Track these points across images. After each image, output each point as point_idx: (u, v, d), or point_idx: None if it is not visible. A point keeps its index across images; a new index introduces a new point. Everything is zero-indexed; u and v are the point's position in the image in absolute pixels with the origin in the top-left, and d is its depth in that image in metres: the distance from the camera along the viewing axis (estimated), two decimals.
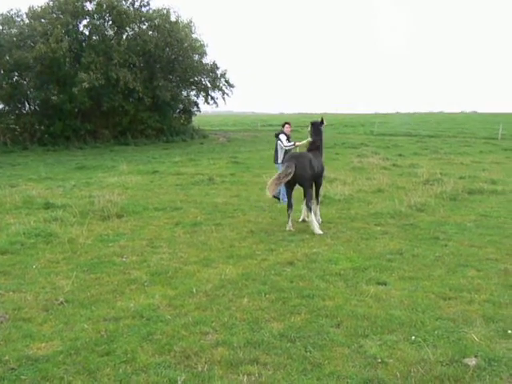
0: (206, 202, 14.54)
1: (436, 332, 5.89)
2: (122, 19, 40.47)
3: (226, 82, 49.20)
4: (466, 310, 6.55)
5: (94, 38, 41.78)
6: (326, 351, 5.46)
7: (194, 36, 46.52)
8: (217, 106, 50.45)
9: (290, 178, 10.93)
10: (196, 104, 51.08)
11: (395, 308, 6.63)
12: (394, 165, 24.18)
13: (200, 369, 5.10)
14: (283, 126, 15.22)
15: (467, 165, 24.64)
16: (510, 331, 5.89)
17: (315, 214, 11.66)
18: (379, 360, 5.24)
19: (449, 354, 5.33)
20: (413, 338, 5.73)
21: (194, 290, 7.31)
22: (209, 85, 49.11)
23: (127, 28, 43.00)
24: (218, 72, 48.46)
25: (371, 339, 5.73)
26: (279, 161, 14.73)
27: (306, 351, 5.46)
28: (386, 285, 7.54)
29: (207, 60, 48.46)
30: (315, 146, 12.20)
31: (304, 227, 11.28)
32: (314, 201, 11.63)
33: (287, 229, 11.27)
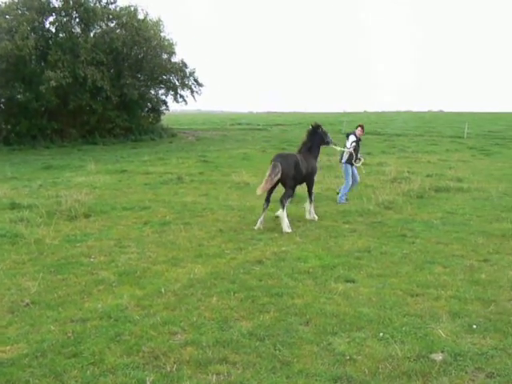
0: (175, 201, 14.46)
1: (404, 328, 5.96)
2: (89, 16, 39.96)
3: (195, 80, 48.88)
4: (432, 306, 6.64)
5: (60, 35, 41.12)
6: (295, 349, 5.49)
7: (162, 35, 46.09)
8: (186, 104, 50.19)
9: (279, 176, 11.15)
10: (165, 103, 50.70)
11: (363, 305, 6.69)
12: (362, 163, 24.24)
13: (169, 369, 5.08)
14: (356, 127, 15.48)
15: (434, 163, 24.92)
16: (475, 326, 6.00)
17: (309, 213, 12.20)
18: (348, 357, 5.28)
19: (416, 349, 5.40)
20: (381, 334, 5.79)
21: (163, 290, 7.27)
22: (177, 83, 48.68)
23: (94, 25, 42.49)
24: (187, 71, 48.11)
25: (340, 336, 5.77)
26: (343, 160, 15.10)
27: (275, 349, 5.48)
28: (354, 282, 7.60)
29: (176, 59, 48.08)
30: (306, 148, 12.52)
31: (274, 226, 11.27)
32: (289, 199, 11.70)
33: (256, 227, 11.23)
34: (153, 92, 49.34)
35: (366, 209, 12.96)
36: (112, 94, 40.35)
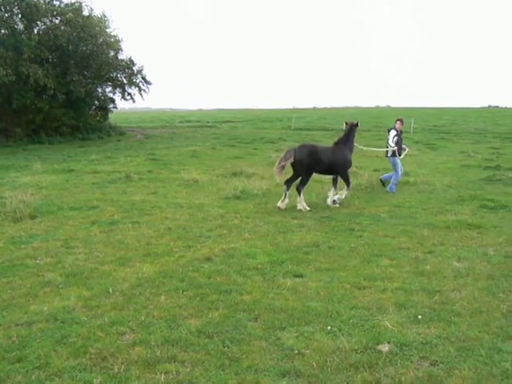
0: (123, 200, 14.29)
1: (351, 321, 6.04)
2: (32, 12, 38.96)
3: (143, 78, 48.44)
4: (379, 299, 6.75)
5: (2, 31, 40.08)
6: (244, 345, 5.50)
7: (108, 31, 45.48)
8: (134, 102, 49.73)
9: (288, 162, 12.63)
10: (112, 100, 50.04)
11: (312, 299, 6.75)
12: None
13: (116, 370, 5.03)
14: (396, 121, 16.17)
15: (381, 158, 25.20)
16: (420, 316, 6.15)
17: (334, 195, 13.26)
18: (296, 351, 5.33)
19: (363, 341, 5.49)
20: (329, 328, 5.86)
21: (111, 290, 7.18)
22: (125, 81, 48.15)
23: (38, 22, 41.54)
24: (135, 68, 47.62)
25: (288, 331, 5.82)
26: (389, 154, 16.01)
27: (224, 346, 5.48)
28: (302, 277, 7.66)
29: (123, 56, 47.63)
30: (340, 141, 13.95)
31: (221, 223, 11.25)
32: (305, 186, 12.96)
33: (277, 204, 12.78)
34: (100, 90, 48.61)
35: (315, 204, 13.10)
36: (58, 91, 39.57)
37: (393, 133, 15.84)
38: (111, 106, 50.30)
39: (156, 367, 5.08)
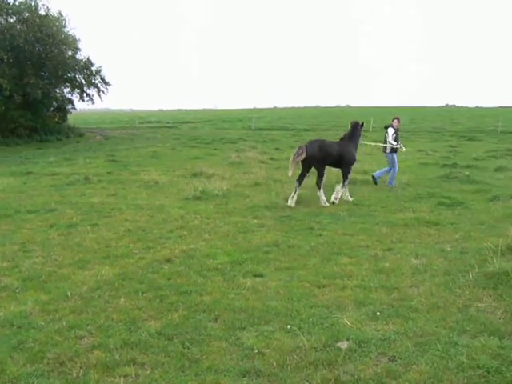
0: (82, 202, 14.10)
1: (311, 319, 6.07)
2: None
3: (102, 79, 47.88)
4: (339, 296, 6.81)
5: None
6: (204, 346, 5.48)
7: (65, 30, 44.73)
8: (93, 103, 49.08)
9: (302, 157, 13.13)
10: (71, 102, 49.31)
11: (271, 299, 6.77)
12: (271, 158, 24.62)
13: (75, 375, 4.96)
14: (393, 120, 17.11)
15: None
16: (378, 313, 6.20)
17: (336, 192, 13.67)
18: (256, 351, 5.33)
19: (322, 339, 5.52)
20: (288, 326, 5.87)
21: (69, 294, 7.07)
22: (83, 82, 47.49)
23: None
24: (93, 68, 47.03)
25: (248, 331, 5.82)
26: (387, 151, 16.88)
27: (184, 348, 5.46)
28: (262, 276, 7.68)
29: (81, 56, 46.90)
30: (345, 137, 14.44)
31: (182, 224, 11.20)
32: (323, 180, 13.53)
33: (288, 203, 13.11)
34: (58, 91, 47.86)
35: (275, 203, 13.15)
36: (14, 93, 38.87)
37: (391, 130, 16.69)
38: (70, 107, 49.57)
39: (115, 371, 5.02)
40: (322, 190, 13.43)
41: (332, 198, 13.60)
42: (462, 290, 6.97)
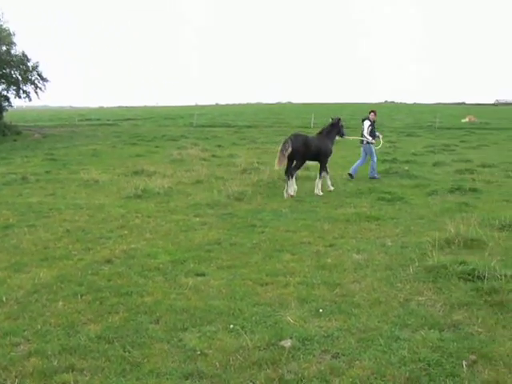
0: (19, 202, 13.65)
1: (254, 318, 6.01)
2: None
3: (39, 75, 46.74)
4: (281, 294, 6.76)
5: None
6: (145, 349, 5.35)
7: None
8: (30, 100, 47.92)
9: (289, 151, 13.68)
10: (7, 99, 47.86)
11: (214, 298, 6.67)
12: (213, 155, 24.52)
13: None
14: (369, 113, 17.91)
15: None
16: (321, 310, 6.19)
17: (316, 187, 14.42)
18: (199, 352, 5.23)
19: (266, 338, 5.46)
20: (231, 326, 5.79)
21: (4, 299, 6.79)
22: (20, 78, 46.25)
23: None
24: (30, 64, 45.85)
25: (190, 332, 5.71)
26: (364, 142, 17.50)
27: (125, 351, 5.30)
28: (204, 275, 7.57)
29: (16, 51, 45.52)
30: (326, 132, 15.23)
31: (123, 223, 10.98)
32: (296, 173, 14.27)
33: (285, 197, 13.73)
34: None
35: (217, 201, 13.03)
36: None
37: (367, 123, 17.30)
38: (6, 104, 48.13)
39: (53, 378, 4.83)
40: (293, 179, 13.99)
41: (316, 192, 14.34)
42: (403, 284, 7.04)
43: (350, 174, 17.08)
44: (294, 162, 14.07)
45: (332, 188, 14.86)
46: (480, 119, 60.02)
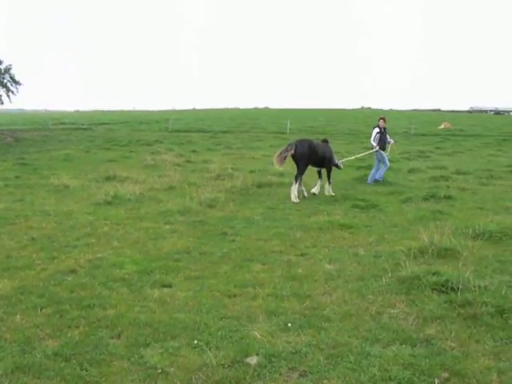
0: None
1: (219, 333, 5.75)
2: None
3: (11, 78, 46.17)
4: (250, 306, 6.52)
5: None
6: (104, 367, 5.06)
7: None
8: (1, 103, 47.24)
9: (289, 154, 14.22)
10: None
11: (179, 311, 6.41)
12: (187, 161, 24.25)
13: None
14: (379, 120, 18.38)
15: (258, 159, 25.44)
16: (290, 324, 5.95)
17: (327, 191, 15.07)
18: (160, 370, 4.97)
19: (231, 355, 5.21)
20: (195, 342, 5.52)
21: None
22: None
23: None
24: (2, 67, 45.28)
25: (153, 348, 5.44)
26: (376, 149, 17.95)
27: (82, 369, 5.01)
28: (171, 287, 7.30)
29: None
30: (328, 139, 16.43)
31: (90, 231, 10.64)
32: (301, 177, 14.48)
33: (292, 200, 13.93)
34: None
35: (188, 208, 12.72)
36: None
37: (375, 131, 17.95)
38: None
39: None
40: (297, 185, 14.29)
41: (327, 192, 15.06)
42: (375, 296, 6.85)
43: (376, 180, 17.60)
44: (298, 166, 14.59)
45: (330, 193, 15.06)
46: (455, 126, 60.61)
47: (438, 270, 7.37)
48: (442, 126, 59.68)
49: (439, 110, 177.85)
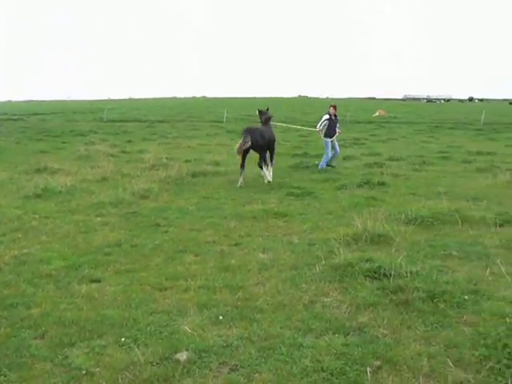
0: None
1: (148, 328, 5.55)
2: None
3: None
4: (181, 300, 6.35)
5: None
6: (25, 370, 4.79)
7: None
8: None
9: (248, 145, 14.53)
10: None
11: (108, 307, 6.17)
12: (122, 151, 23.72)
13: None
14: (329, 107, 18.54)
15: (194, 148, 25.20)
16: (221, 317, 5.80)
17: (269, 174, 15.22)
18: (84, 371, 4.73)
19: (160, 351, 5.04)
20: (123, 339, 5.30)
21: None
22: None
23: None
24: None
25: (78, 347, 5.19)
26: (322, 135, 18.29)
27: (1, 375, 4.71)
28: (100, 282, 7.04)
29: None
30: (265, 122, 16.19)
31: (18, 225, 10.19)
32: (263, 161, 15.08)
33: (238, 185, 14.51)
34: None
35: (121, 199, 12.35)
36: None
37: (325, 116, 18.03)
38: None
39: None
40: (265, 169, 15.06)
41: (267, 179, 15.07)
42: (309, 284, 6.79)
43: (329, 165, 18.08)
44: (259, 153, 15.12)
45: (269, 178, 15.28)
46: (389, 114, 61.73)
47: (371, 257, 7.37)
48: (377, 114, 60.73)
49: (374, 99, 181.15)
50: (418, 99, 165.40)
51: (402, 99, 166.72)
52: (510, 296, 6.35)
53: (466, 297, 6.24)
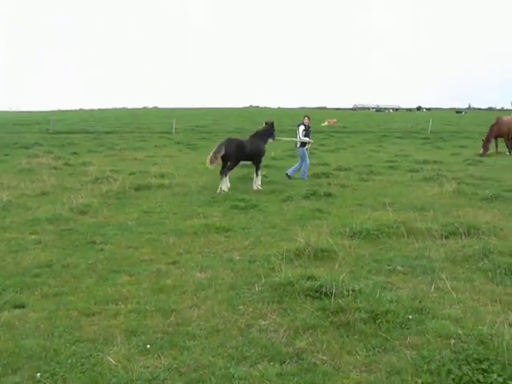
0: None
1: (70, 360, 5.10)
2: None
3: None
4: (108, 326, 5.93)
5: None
6: None
7: None
8: None
9: (221, 154, 15.01)
10: None
11: (28, 336, 5.68)
12: (66, 164, 22.99)
13: None
14: (304, 118, 18.88)
15: (141, 160, 24.65)
16: (149, 346, 5.39)
17: (255, 184, 15.92)
18: None
19: None
20: (38, 375, 4.83)
21: None
22: None
23: None
24: None
25: None
26: (298, 145, 18.77)
27: None
28: (24, 307, 6.53)
29: None
30: (259, 135, 16.84)
31: None
32: (229, 172, 15.54)
33: (217, 192, 14.82)
34: None
35: (58, 215, 11.78)
36: None
37: (301, 127, 18.35)
38: None
39: None
40: (226, 178, 15.26)
41: (255, 187, 15.76)
42: (246, 306, 6.46)
43: (288, 175, 18.25)
44: (228, 163, 15.37)
45: (256, 188, 15.83)
46: (339, 123, 62.18)
47: (313, 274, 7.09)
48: (326, 123, 61.09)
49: (325, 108, 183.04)
50: (368, 108, 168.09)
51: (351, 108, 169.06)
52: (455, 313, 6.16)
53: (410, 316, 6.02)
